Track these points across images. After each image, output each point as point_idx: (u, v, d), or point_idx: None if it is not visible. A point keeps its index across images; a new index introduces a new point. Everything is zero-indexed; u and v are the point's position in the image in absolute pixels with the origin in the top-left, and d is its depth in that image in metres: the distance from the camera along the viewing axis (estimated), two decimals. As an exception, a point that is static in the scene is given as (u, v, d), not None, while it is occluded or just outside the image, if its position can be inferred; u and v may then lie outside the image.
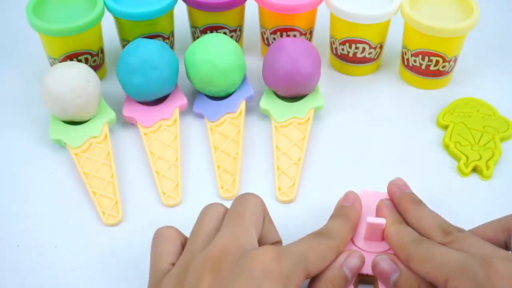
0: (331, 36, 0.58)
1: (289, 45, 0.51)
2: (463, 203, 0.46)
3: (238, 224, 0.35)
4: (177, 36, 0.61)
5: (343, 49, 0.57)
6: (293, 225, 0.43)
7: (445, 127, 0.53)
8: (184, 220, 0.40)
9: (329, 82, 0.58)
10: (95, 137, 0.50)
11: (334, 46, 0.58)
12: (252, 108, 0.54)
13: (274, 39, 0.57)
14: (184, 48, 0.60)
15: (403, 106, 0.55)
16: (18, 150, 0.52)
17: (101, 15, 0.53)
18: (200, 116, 0.54)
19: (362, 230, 0.41)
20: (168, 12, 0.55)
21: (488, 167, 0.49)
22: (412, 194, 0.42)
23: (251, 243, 0.35)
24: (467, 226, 0.39)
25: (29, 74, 0.59)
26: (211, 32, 0.57)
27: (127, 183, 0.49)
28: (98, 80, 0.51)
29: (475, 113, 0.53)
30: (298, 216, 0.45)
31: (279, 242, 0.39)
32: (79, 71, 0.50)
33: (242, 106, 0.52)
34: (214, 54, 0.51)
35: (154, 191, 0.48)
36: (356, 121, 0.54)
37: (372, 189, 0.45)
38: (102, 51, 0.57)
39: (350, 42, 0.56)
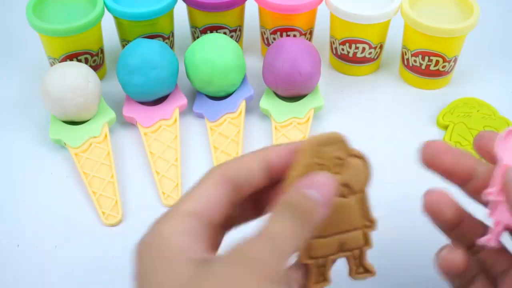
0: (331, 36, 0.58)
1: (289, 45, 0.51)
2: (463, 203, 0.46)
3: None
4: (177, 36, 0.61)
5: (343, 49, 0.57)
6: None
7: (445, 127, 0.53)
8: (184, 220, 0.40)
9: (329, 82, 0.58)
10: (95, 137, 0.50)
11: (334, 46, 0.58)
12: (252, 108, 0.54)
13: (274, 39, 0.57)
14: (184, 48, 0.60)
15: (403, 106, 0.55)
16: (18, 150, 0.52)
17: (101, 15, 0.53)
18: (200, 116, 0.54)
19: None
20: (168, 12, 0.55)
21: (488, 167, 0.48)
22: None
23: None
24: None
25: (29, 74, 0.59)
26: (211, 32, 0.57)
27: (127, 183, 0.49)
28: (98, 80, 0.51)
29: (475, 113, 0.53)
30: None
31: None
32: (79, 71, 0.50)
33: (242, 106, 0.52)
34: (214, 54, 0.51)
35: (154, 191, 0.48)
36: (356, 121, 0.54)
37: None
38: (102, 51, 0.57)
39: (350, 42, 0.56)
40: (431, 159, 0.32)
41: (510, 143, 0.32)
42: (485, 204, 0.32)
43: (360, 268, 0.32)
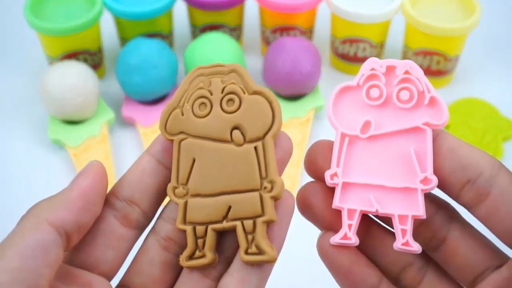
0: (332, 35, 0.57)
1: (290, 44, 0.51)
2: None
3: None
4: (176, 35, 0.61)
5: (343, 48, 0.56)
6: (293, 225, 0.43)
7: (447, 127, 0.52)
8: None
9: (330, 82, 0.57)
10: (94, 137, 0.50)
11: (334, 45, 0.57)
12: (252, 107, 0.54)
13: (274, 38, 0.57)
14: (183, 47, 0.60)
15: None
16: (17, 150, 0.51)
17: (99, 14, 0.53)
18: (200, 115, 0.54)
19: None
20: (167, 11, 0.54)
21: (489, 167, 0.48)
22: None
23: None
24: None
25: (28, 74, 0.59)
26: (211, 31, 0.57)
27: (126, 183, 0.48)
28: (97, 80, 0.51)
29: (476, 113, 0.53)
30: (298, 216, 0.45)
31: None
32: (78, 71, 0.50)
33: (242, 105, 0.52)
34: (214, 53, 0.50)
35: (153, 192, 0.48)
36: (356, 120, 0.54)
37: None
38: (100, 50, 0.57)
39: (351, 41, 0.55)
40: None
41: (343, 104, 0.25)
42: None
43: (252, 247, 0.23)
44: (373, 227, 0.26)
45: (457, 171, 0.23)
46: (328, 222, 0.25)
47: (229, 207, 0.24)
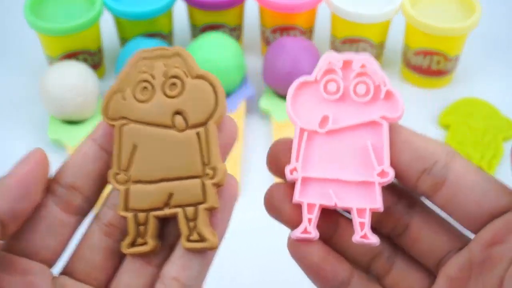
0: (332, 35, 0.57)
1: (290, 44, 0.51)
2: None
3: None
4: (176, 35, 0.61)
5: (344, 48, 0.56)
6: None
7: (447, 127, 0.52)
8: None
9: (330, 82, 0.57)
10: (94, 137, 0.50)
11: (334, 45, 0.57)
12: (252, 108, 0.54)
13: (274, 38, 0.57)
14: (183, 47, 0.60)
15: (404, 106, 0.55)
16: (18, 150, 0.51)
17: (99, 14, 0.53)
18: (200, 115, 0.54)
19: None
20: (167, 11, 0.54)
21: (489, 167, 0.48)
22: None
23: None
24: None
25: (27, 74, 0.59)
26: (211, 31, 0.57)
27: (126, 183, 0.48)
28: (97, 80, 0.51)
29: (477, 113, 0.53)
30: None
31: None
32: (78, 71, 0.50)
33: (242, 105, 0.52)
34: (214, 53, 0.50)
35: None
36: (356, 120, 0.54)
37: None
38: (100, 50, 0.57)
39: (351, 41, 0.55)
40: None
41: (302, 99, 0.25)
42: None
43: (194, 234, 0.23)
44: (341, 222, 0.26)
45: (413, 161, 0.24)
46: (296, 221, 0.25)
47: (171, 194, 0.23)
